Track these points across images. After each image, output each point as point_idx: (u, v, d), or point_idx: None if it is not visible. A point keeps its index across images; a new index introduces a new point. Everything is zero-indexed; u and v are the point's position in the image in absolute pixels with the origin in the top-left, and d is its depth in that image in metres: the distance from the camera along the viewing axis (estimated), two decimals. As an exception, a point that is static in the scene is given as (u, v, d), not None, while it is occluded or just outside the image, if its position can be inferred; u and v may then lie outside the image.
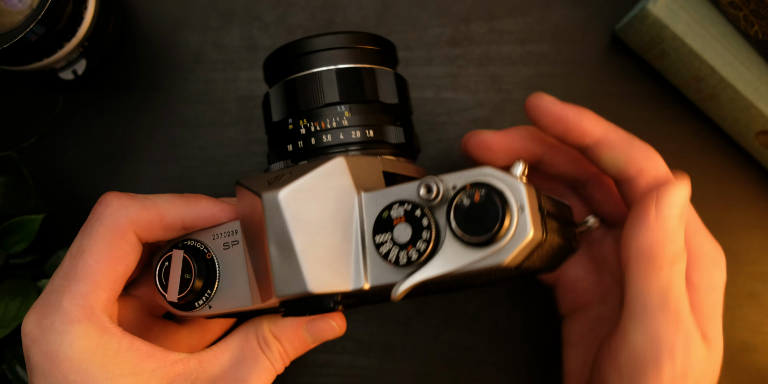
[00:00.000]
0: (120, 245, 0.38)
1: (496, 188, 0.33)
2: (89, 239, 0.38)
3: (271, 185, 0.36)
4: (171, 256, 0.39)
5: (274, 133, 0.41)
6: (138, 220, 0.38)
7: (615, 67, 0.56)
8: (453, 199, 0.34)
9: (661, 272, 0.38)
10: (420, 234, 0.34)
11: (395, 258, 0.34)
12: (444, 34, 0.55)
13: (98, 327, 0.36)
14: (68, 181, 0.54)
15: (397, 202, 0.35)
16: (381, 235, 0.35)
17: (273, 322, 0.39)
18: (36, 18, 0.44)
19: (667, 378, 0.38)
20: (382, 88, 0.41)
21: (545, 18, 0.56)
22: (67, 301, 0.36)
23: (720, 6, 0.51)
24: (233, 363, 0.38)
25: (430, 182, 0.34)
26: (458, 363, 0.54)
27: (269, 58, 0.42)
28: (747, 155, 0.55)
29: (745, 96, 0.51)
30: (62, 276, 0.37)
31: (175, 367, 0.37)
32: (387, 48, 0.43)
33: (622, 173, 0.41)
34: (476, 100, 0.55)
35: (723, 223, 0.55)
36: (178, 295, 0.39)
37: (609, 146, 0.40)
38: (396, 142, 0.40)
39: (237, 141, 0.55)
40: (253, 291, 0.38)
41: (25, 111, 0.55)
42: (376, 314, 0.54)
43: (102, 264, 0.37)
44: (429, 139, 0.55)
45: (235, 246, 0.39)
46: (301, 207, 0.35)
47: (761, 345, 0.55)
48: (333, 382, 0.54)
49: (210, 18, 0.55)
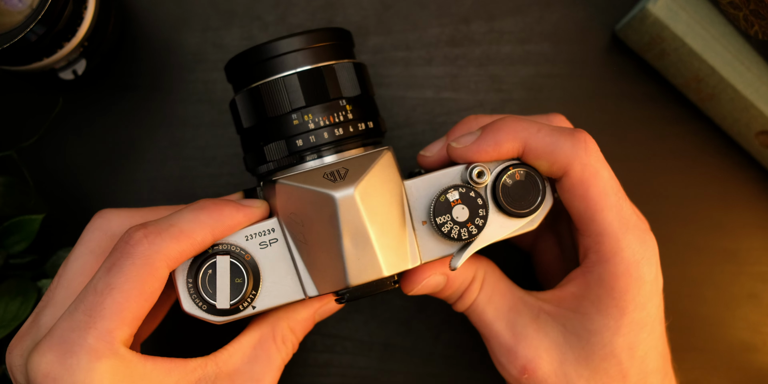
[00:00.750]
0: (151, 282, 0.37)
1: (534, 169, 0.41)
2: (119, 277, 0.37)
3: (336, 182, 0.39)
4: (215, 263, 0.39)
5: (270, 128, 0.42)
6: (171, 254, 0.38)
7: (615, 67, 0.56)
8: (498, 178, 0.41)
9: (615, 202, 0.41)
10: (477, 212, 0.40)
11: (458, 234, 0.40)
12: (444, 34, 0.55)
13: (123, 359, 0.37)
14: (68, 181, 0.54)
15: (451, 186, 0.40)
16: (441, 216, 0.40)
17: (289, 316, 0.42)
18: (36, 18, 0.44)
19: (650, 280, 0.41)
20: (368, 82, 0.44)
21: (545, 18, 0.56)
22: (93, 338, 0.36)
23: (720, 6, 0.51)
24: (248, 361, 0.40)
25: (482, 168, 0.40)
26: (458, 363, 0.54)
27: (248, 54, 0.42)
28: (747, 155, 0.55)
29: (745, 96, 0.51)
30: (86, 312, 0.37)
31: (195, 374, 0.39)
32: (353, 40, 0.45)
33: (552, 175, 0.41)
34: (476, 100, 0.55)
35: (723, 223, 0.55)
36: (231, 301, 0.39)
37: (533, 155, 0.40)
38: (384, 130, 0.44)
39: (237, 141, 0.55)
40: (305, 283, 0.40)
41: (25, 111, 0.55)
42: (376, 314, 0.54)
43: (131, 302, 0.37)
44: (429, 139, 0.55)
45: (273, 244, 0.40)
46: (371, 200, 0.39)
47: (761, 345, 0.55)
48: (333, 382, 0.54)
49: (210, 18, 0.55)
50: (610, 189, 0.40)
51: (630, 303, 0.40)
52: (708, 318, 0.55)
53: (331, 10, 0.55)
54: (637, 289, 0.40)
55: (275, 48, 0.42)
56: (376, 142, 0.44)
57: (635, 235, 0.40)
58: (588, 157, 0.40)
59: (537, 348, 0.42)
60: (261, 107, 0.42)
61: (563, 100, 0.55)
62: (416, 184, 0.41)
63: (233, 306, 0.39)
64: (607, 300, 0.40)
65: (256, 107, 0.42)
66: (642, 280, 0.40)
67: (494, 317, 0.43)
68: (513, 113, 0.55)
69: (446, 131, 0.55)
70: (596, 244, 0.41)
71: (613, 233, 0.40)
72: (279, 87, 0.41)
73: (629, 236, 0.40)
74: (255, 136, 0.42)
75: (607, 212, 0.40)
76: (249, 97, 0.42)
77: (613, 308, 0.40)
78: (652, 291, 0.41)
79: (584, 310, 0.41)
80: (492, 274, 0.44)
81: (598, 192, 0.40)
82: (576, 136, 0.40)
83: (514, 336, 0.42)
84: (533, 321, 0.42)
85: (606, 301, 0.40)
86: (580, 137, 0.40)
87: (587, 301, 0.41)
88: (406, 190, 0.41)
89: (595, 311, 0.41)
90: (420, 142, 0.55)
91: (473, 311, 0.44)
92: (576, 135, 0.40)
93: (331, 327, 0.54)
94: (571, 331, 0.42)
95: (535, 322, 0.42)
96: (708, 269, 0.55)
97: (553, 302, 0.43)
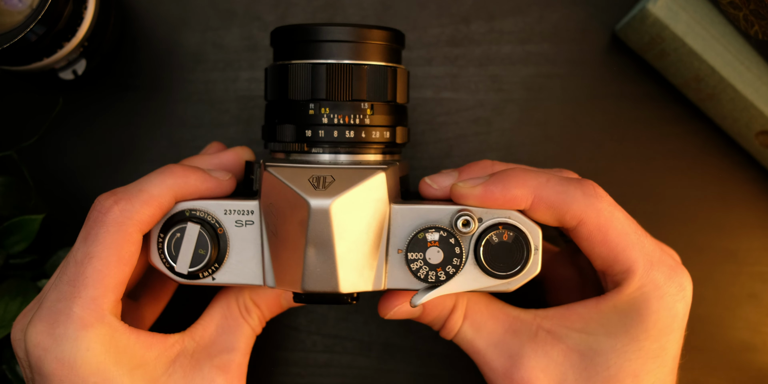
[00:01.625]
0: (127, 247, 0.39)
1: (525, 233, 0.39)
2: (96, 245, 0.38)
3: (317, 190, 0.38)
4: (185, 228, 0.40)
5: (288, 109, 0.42)
6: (142, 218, 0.39)
7: (615, 67, 0.56)
8: (484, 234, 0.39)
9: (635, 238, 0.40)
10: (451, 260, 0.39)
11: (425, 275, 0.39)
12: (444, 34, 0.55)
13: (109, 328, 0.38)
14: (68, 181, 0.54)
15: (433, 227, 0.39)
16: (414, 253, 0.39)
17: (252, 290, 0.43)
18: (36, 18, 0.44)
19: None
20: (399, 89, 0.43)
21: (545, 18, 0.56)
22: (79, 307, 0.37)
23: (720, 6, 0.51)
24: (220, 332, 0.42)
25: (468, 218, 0.39)
26: (458, 363, 0.54)
27: (296, 30, 0.42)
28: (747, 155, 0.55)
29: (745, 96, 0.51)
30: (69, 283, 0.38)
31: (174, 349, 0.40)
32: (403, 42, 0.44)
33: (564, 226, 0.41)
34: (476, 100, 0.55)
35: (723, 223, 0.55)
36: (189, 268, 0.40)
37: (543, 206, 0.40)
38: (401, 142, 0.43)
39: (237, 141, 0.55)
40: (267, 272, 0.40)
41: (25, 111, 0.55)
42: (376, 314, 0.54)
43: (111, 268, 0.38)
44: (429, 139, 0.55)
45: (249, 225, 0.40)
46: (345, 217, 0.38)
47: (761, 345, 0.55)
48: (333, 382, 0.54)
49: (210, 18, 0.55)
50: (629, 228, 0.40)
51: (643, 332, 0.39)
52: (708, 318, 0.55)
53: (332, 10, 0.55)
54: (654, 320, 0.39)
55: (319, 32, 0.41)
56: (391, 152, 0.43)
57: (661, 271, 0.40)
58: (601, 203, 0.40)
59: (534, 368, 0.41)
60: (285, 86, 0.42)
61: (563, 100, 0.55)
62: (402, 212, 0.40)
63: (191, 273, 0.40)
64: (618, 325, 0.40)
65: (281, 85, 0.42)
66: (661, 313, 0.39)
67: (486, 344, 0.42)
68: (513, 113, 0.55)
69: (446, 131, 0.55)
70: (623, 280, 0.40)
71: (638, 270, 0.39)
72: (306, 72, 0.41)
73: (655, 273, 0.39)
74: (274, 111, 0.43)
75: (630, 251, 0.40)
76: (278, 73, 0.42)
77: (623, 334, 0.39)
78: (672, 326, 0.40)
79: (591, 330, 0.40)
80: (478, 301, 0.43)
81: (617, 234, 0.40)
82: (585, 184, 0.40)
83: (510, 359, 0.41)
84: (531, 340, 0.41)
85: (617, 327, 0.40)
86: (590, 185, 0.40)
87: (596, 324, 0.40)
88: (392, 214, 0.40)
89: (603, 332, 0.40)
90: (420, 142, 0.55)
91: (462, 341, 0.43)
92: (585, 183, 0.40)
93: (331, 327, 0.55)
94: (573, 349, 0.40)
95: (533, 342, 0.41)
96: (708, 269, 0.55)
97: (555, 320, 0.41)
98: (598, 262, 0.41)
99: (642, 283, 0.39)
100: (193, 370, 0.40)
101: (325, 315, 0.55)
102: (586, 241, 0.40)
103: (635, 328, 0.39)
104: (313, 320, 0.55)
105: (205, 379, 0.40)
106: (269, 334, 0.54)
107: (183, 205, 0.41)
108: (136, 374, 0.38)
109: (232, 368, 0.41)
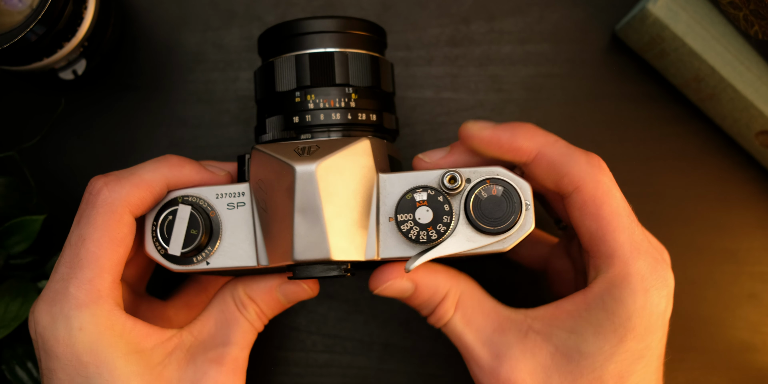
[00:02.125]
0: (119, 228, 0.39)
1: (513, 186, 0.39)
2: (87, 227, 0.39)
3: (302, 157, 0.39)
4: (177, 210, 0.40)
5: (275, 101, 0.43)
6: (131, 199, 0.40)
7: (615, 67, 0.56)
8: (473, 190, 0.39)
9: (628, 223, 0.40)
10: (441, 218, 0.39)
11: (416, 236, 0.39)
12: (444, 34, 0.55)
13: (105, 310, 0.39)
14: (68, 181, 0.54)
15: (420, 186, 0.39)
16: (403, 214, 0.39)
17: (247, 285, 0.42)
18: (36, 18, 0.44)
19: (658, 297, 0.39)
20: (383, 76, 0.44)
21: (545, 18, 0.56)
22: (74, 287, 0.38)
23: (720, 6, 0.51)
24: (218, 327, 0.42)
25: (455, 174, 0.39)
26: (458, 363, 0.54)
27: (277, 28, 0.43)
28: (747, 155, 0.55)
29: (745, 96, 0.51)
30: (66, 265, 0.39)
31: (171, 342, 0.41)
32: (385, 39, 0.46)
33: (560, 190, 0.40)
34: (476, 100, 0.55)
35: (723, 223, 0.55)
36: (182, 249, 0.40)
37: (545, 163, 0.40)
38: (389, 128, 0.44)
39: (237, 141, 0.55)
40: (260, 252, 0.40)
41: (25, 111, 0.55)
42: (376, 314, 0.54)
43: (104, 249, 0.39)
44: (429, 139, 0.55)
45: (240, 207, 0.41)
46: (332, 181, 0.38)
47: (761, 345, 0.55)
48: (333, 382, 0.54)
49: (210, 18, 0.55)
50: (622, 210, 0.39)
51: (630, 331, 0.39)
52: (708, 318, 0.55)
53: (331, 10, 0.55)
54: (639, 318, 0.39)
55: (299, 27, 0.43)
56: (382, 138, 0.43)
57: (647, 261, 0.39)
58: (603, 176, 0.39)
59: (521, 370, 0.40)
60: (271, 82, 0.43)
61: (563, 100, 0.55)
62: (390, 179, 0.40)
63: (184, 255, 0.40)
64: (606, 324, 0.39)
65: (268, 81, 0.43)
66: (647, 310, 0.39)
67: (475, 339, 0.42)
68: (513, 113, 0.55)
69: (446, 131, 0.55)
70: (605, 265, 0.39)
71: (623, 256, 0.39)
72: (291, 64, 0.42)
73: (640, 262, 0.39)
74: (263, 108, 0.44)
75: (618, 233, 0.39)
76: (265, 70, 0.43)
77: (611, 333, 0.39)
78: (656, 324, 0.39)
79: (580, 330, 0.40)
80: (472, 295, 0.42)
81: (610, 211, 0.39)
82: (591, 155, 0.40)
83: (498, 358, 0.41)
84: (520, 341, 0.41)
85: (605, 325, 0.39)
86: (595, 157, 0.40)
87: (584, 322, 0.40)
88: (380, 182, 0.40)
89: (591, 333, 0.39)
90: (420, 142, 0.55)
91: (451, 332, 0.43)
92: (591, 154, 0.40)
93: (331, 327, 0.55)
94: (561, 351, 0.40)
95: (521, 343, 0.41)
96: (708, 269, 0.55)
97: (545, 320, 0.41)
98: (585, 238, 0.40)
99: (627, 271, 0.39)
100: (187, 363, 0.40)
101: (325, 315, 0.55)
102: (578, 210, 0.40)
103: (623, 326, 0.39)
104: (313, 320, 0.55)
105: (198, 371, 0.40)
106: (269, 334, 0.54)
107: (175, 193, 0.41)
108: (131, 359, 0.39)
109: (226, 361, 0.41)
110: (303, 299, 0.43)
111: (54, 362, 0.38)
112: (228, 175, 0.43)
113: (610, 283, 0.39)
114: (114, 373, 0.38)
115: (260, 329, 0.43)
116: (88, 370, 0.38)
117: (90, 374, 0.38)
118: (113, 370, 0.38)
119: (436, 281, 0.42)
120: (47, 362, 0.39)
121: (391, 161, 0.43)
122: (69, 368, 0.38)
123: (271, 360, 0.54)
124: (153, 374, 0.39)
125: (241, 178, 0.43)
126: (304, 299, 0.43)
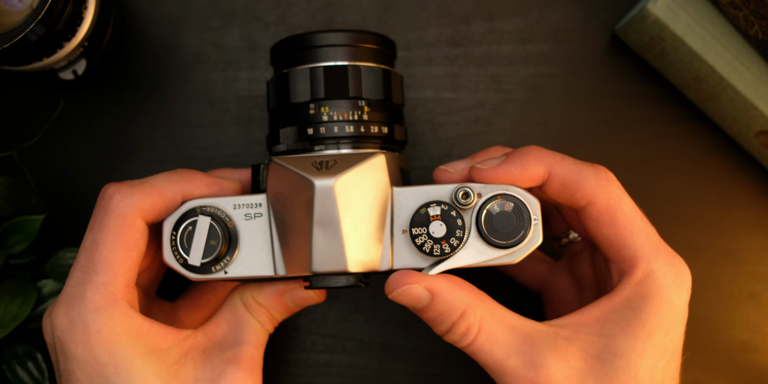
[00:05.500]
0: (131, 233, 0.41)
1: (523, 202, 0.40)
2: (101, 232, 0.40)
3: (320, 171, 0.40)
4: (196, 221, 0.41)
5: (289, 112, 0.44)
6: (143, 206, 0.41)
7: (615, 67, 0.56)
8: (484, 205, 0.40)
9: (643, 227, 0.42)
10: (454, 232, 0.40)
11: (430, 249, 0.40)
12: (444, 34, 0.55)
13: (122, 312, 0.40)
14: (68, 181, 0.54)
15: (434, 201, 0.40)
16: (418, 228, 0.40)
17: (255, 290, 0.44)
18: (36, 18, 0.44)
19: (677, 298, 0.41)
20: (394, 89, 0.45)
21: (545, 18, 0.56)
22: (90, 291, 0.40)
23: (720, 6, 0.51)
24: (231, 329, 0.43)
25: (468, 189, 0.40)
26: (458, 363, 0.54)
27: (292, 40, 0.44)
28: (747, 155, 0.55)
29: (745, 96, 0.51)
30: (81, 269, 0.40)
31: (186, 343, 0.42)
32: (395, 51, 0.47)
33: (573, 205, 0.42)
34: (476, 100, 0.55)
35: (723, 223, 0.55)
36: (202, 260, 0.41)
37: (557, 183, 0.41)
38: (399, 140, 0.45)
39: (237, 141, 0.55)
40: (277, 262, 0.42)
41: (25, 111, 0.55)
42: (376, 314, 0.54)
43: (117, 254, 0.40)
44: (429, 139, 0.55)
45: (258, 218, 0.42)
46: (349, 195, 0.40)
47: (761, 345, 0.55)
48: (333, 382, 0.54)
49: (210, 18, 0.55)
50: (636, 214, 0.41)
51: (657, 325, 0.40)
52: (708, 318, 0.55)
53: (332, 10, 0.55)
54: (665, 312, 0.40)
55: (313, 39, 0.43)
56: (391, 149, 0.44)
57: (666, 258, 0.41)
58: (612, 186, 0.41)
59: (558, 376, 0.40)
60: (286, 92, 0.44)
61: (563, 100, 0.55)
62: (404, 193, 0.41)
63: (204, 265, 0.41)
64: (634, 321, 0.40)
65: (282, 92, 0.44)
66: (671, 304, 0.40)
67: (505, 354, 0.41)
68: (513, 113, 0.55)
69: (446, 131, 0.55)
70: (629, 267, 0.41)
71: (645, 256, 0.40)
72: (305, 76, 0.43)
73: (661, 259, 0.40)
74: (276, 118, 0.44)
75: (636, 236, 0.41)
76: (279, 81, 0.44)
77: (639, 330, 0.40)
78: (678, 318, 0.40)
79: (608, 332, 0.40)
80: (493, 314, 0.42)
81: (624, 218, 0.41)
82: (598, 167, 0.41)
83: (533, 368, 0.41)
84: (551, 349, 0.41)
85: (633, 323, 0.40)
86: (602, 169, 0.42)
87: (612, 324, 0.40)
88: (394, 196, 0.41)
89: (620, 333, 0.40)
90: (420, 142, 0.55)
91: (479, 351, 0.42)
92: (597, 166, 0.42)
93: (331, 327, 0.55)
94: (593, 355, 0.40)
95: (553, 350, 0.41)
96: (708, 269, 0.55)
97: (572, 327, 0.41)
98: (605, 246, 0.42)
99: (650, 269, 0.40)
100: (203, 363, 0.41)
101: (325, 315, 0.55)
102: (594, 221, 0.41)
103: (650, 320, 0.40)
104: (313, 320, 0.55)
105: (216, 370, 0.41)
106: (270, 334, 0.54)
107: (193, 203, 0.42)
108: (149, 359, 0.40)
109: (243, 359, 0.42)
110: (311, 304, 0.45)
111: (73, 364, 0.39)
112: (239, 185, 0.44)
113: (636, 283, 0.40)
114: (132, 372, 0.39)
115: (271, 331, 0.44)
116: (107, 371, 0.39)
117: (109, 374, 0.39)
118: (131, 369, 0.39)
119: (453, 296, 0.41)
120: (66, 364, 0.40)
121: (402, 174, 0.44)
122: (88, 369, 0.39)
123: (271, 360, 0.54)
124: (170, 373, 0.40)
125: (256, 187, 0.44)
126: (312, 304, 0.45)
